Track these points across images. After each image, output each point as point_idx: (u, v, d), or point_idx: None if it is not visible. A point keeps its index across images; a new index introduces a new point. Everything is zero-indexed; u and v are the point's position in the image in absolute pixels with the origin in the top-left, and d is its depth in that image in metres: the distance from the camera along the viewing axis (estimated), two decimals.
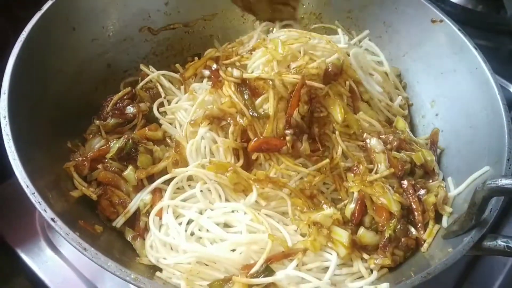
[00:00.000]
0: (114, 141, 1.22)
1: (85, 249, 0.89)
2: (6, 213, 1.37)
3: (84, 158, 1.20)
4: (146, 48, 1.51)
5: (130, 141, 1.20)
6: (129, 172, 1.18)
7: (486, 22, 1.98)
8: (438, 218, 1.16)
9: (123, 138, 1.21)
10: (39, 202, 0.93)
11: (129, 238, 1.14)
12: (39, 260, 1.31)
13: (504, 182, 0.84)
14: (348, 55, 1.35)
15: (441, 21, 1.35)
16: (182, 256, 1.06)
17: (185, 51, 1.59)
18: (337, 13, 1.58)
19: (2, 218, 1.36)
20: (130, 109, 1.33)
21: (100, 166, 1.20)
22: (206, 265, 1.07)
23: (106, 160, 1.21)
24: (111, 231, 1.15)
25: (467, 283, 1.37)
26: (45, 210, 0.92)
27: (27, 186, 0.94)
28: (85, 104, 1.33)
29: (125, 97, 1.36)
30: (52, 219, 0.91)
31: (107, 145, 1.23)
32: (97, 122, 1.31)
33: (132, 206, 1.16)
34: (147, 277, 0.90)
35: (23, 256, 1.32)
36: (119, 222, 1.16)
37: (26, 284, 1.35)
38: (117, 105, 1.34)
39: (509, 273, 1.37)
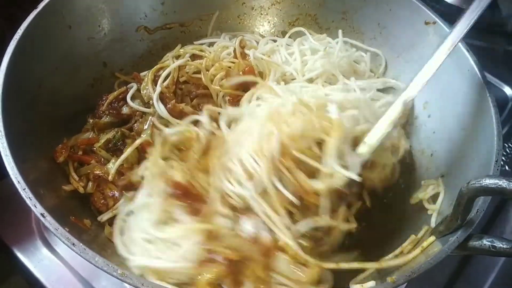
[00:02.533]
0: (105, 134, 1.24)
1: (73, 244, 0.89)
2: (2, 211, 1.38)
3: (62, 145, 1.21)
4: (142, 47, 1.53)
5: (118, 133, 1.22)
6: (110, 165, 1.19)
7: (481, 22, 1.97)
8: (427, 219, 1.17)
9: (112, 130, 1.23)
10: (29, 197, 0.93)
11: (107, 234, 1.12)
12: (35, 259, 1.32)
13: (488, 182, 0.83)
14: None
15: (434, 22, 1.35)
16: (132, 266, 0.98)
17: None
18: (332, 15, 1.59)
19: None
20: (125, 109, 1.34)
21: (93, 161, 1.21)
22: None
23: (95, 149, 1.21)
24: (102, 226, 1.15)
25: (460, 281, 1.38)
26: (35, 206, 0.92)
27: (18, 181, 0.94)
28: (81, 102, 1.35)
29: (120, 96, 1.37)
30: (42, 214, 0.91)
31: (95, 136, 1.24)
32: (91, 120, 1.32)
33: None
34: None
35: (19, 254, 1.33)
36: (104, 217, 1.16)
37: (22, 283, 1.36)
38: (113, 105, 1.35)
39: (501, 271, 1.38)
